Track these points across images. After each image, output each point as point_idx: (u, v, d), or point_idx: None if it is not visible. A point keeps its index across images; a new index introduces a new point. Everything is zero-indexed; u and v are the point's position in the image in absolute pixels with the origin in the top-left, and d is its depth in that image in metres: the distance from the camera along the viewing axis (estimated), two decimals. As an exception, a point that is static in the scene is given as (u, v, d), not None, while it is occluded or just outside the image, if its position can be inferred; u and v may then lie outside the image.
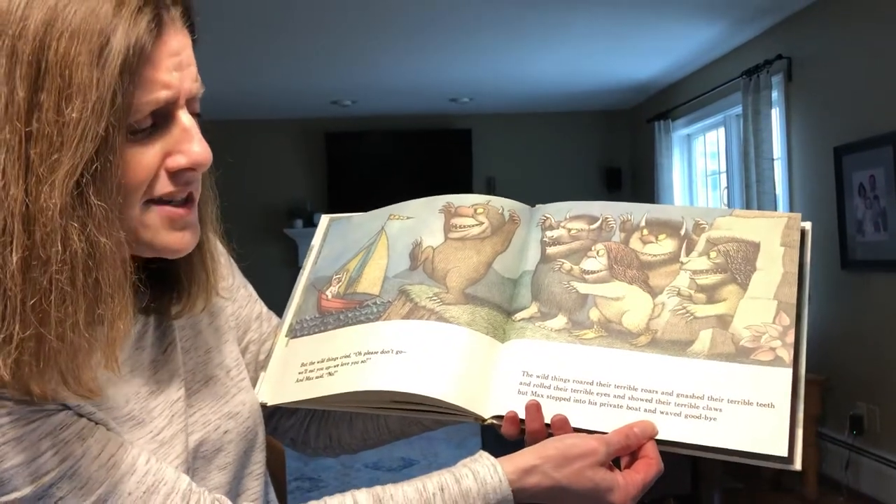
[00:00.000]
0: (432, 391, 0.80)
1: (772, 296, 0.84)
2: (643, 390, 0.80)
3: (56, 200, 0.59)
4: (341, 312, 0.92)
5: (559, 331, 0.85)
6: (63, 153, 0.59)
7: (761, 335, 0.81)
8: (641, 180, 6.58)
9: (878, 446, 3.67)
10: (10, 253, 0.59)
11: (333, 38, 4.43)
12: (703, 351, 0.81)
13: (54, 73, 0.59)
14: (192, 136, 0.69)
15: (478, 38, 4.54)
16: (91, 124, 0.60)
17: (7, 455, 0.62)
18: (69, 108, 0.59)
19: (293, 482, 4.09)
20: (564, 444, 0.76)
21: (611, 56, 5.08)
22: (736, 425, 0.77)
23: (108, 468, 0.66)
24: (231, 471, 0.82)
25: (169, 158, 0.68)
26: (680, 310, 0.84)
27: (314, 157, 6.69)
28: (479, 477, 0.74)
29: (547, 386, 0.82)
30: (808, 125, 4.15)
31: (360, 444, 1.01)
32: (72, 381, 0.63)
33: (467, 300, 0.88)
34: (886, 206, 3.53)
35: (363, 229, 1.00)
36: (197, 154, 0.69)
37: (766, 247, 0.87)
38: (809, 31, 4.11)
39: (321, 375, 0.87)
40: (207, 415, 0.81)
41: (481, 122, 6.77)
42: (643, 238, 0.90)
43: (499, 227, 0.93)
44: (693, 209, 0.93)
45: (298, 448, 1.03)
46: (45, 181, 0.59)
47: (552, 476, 0.74)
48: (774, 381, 0.78)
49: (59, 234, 0.59)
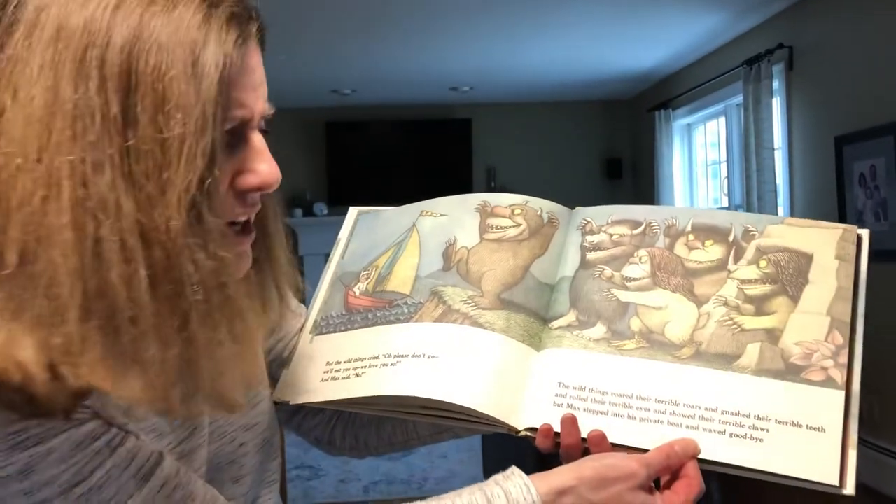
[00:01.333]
0: (464, 400, 0.77)
1: (825, 311, 0.80)
2: (685, 405, 0.76)
3: (176, 221, 0.58)
4: (370, 311, 0.89)
5: (598, 341, 0.82)
6: (172, 171, 0.58)
7: (812, 353, 0.77)
8: (642, 170, 6.57)
9: (877, 436, 3.68)
10: (137, 270, 0.57)
11: (333, 26, 4.41)
12: (751, 366, 0.77)
13: (146, 86, 0.58)
14: (264, 156, 0.68)
15: (479, 26, 4.53)
16: (196, 140, 0.58)
17: (38, 466, 0.60)
18: (170, 124, 0.58)
19: (293, 470, 4.10)
20: (603, 465, 0.71)
21: (612, 45, 5.06)
22: (783, 448, 0.73)
23: (139, 480, 0.64)
24: (247, 483, 0.80)
25: (238, 178, 0.67)
26: (727, 321, 0.80)
27: (314, 146, 6.68)
28: (511, 497, 0.69)
29: (584, 398, 0.78)
30: (809, 115, 4.14)
31: (386, 448, 0.98)
32: (220, 400, 0.62)
33: (503, 305, 0.84)
34: (887, 196, 3.52)
35: (393, 225, 0.97)
36: (267, 174, 0.68)
37: (819, 259, 0.83)
38: (811, 20, 4.09)
39: (348, 376, 0.84)
40: (223, 426, 0.78)
41: (482, 112, 6.76)
42: (689, 244, 0.86)
43: (537, 230, 0.90)
44: (742, 215, 0.89)
45: (323, 447, 1.01)
46: (158, 200, 0.57)
47: (588, 499, 0.70)
48: (826, 403, 0.74)
49: (186, 253, 0.58)
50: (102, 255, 0.56)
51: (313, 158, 6.67)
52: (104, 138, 0.57)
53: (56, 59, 0.57)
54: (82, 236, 0.56)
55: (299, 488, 3.90)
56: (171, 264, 0.58)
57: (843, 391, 0.75)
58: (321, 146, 6.66)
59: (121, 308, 0.56)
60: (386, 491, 3.80)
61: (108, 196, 0.56)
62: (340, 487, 3.91)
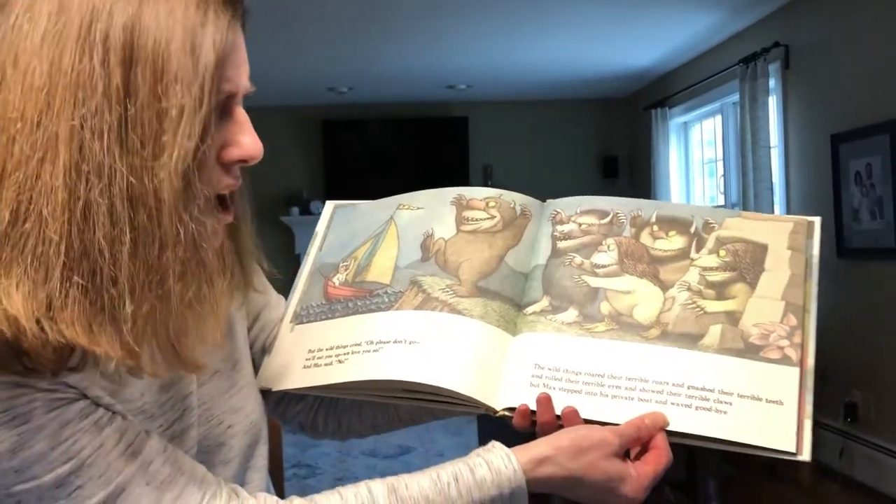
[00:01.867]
0: (446, 382, 0.81)
1: (779, 296, 0.85)
2: (654, 382, 0.81)
3: (167, 184, 0.61)
4: (350, 300, 0.92)
5: (570, 324, 0.86)
6: (168, 140, 0.61)
7: (770, 333, 0.83)
8: (638, 168, 6.58)
9: (872, 434, 3.69)
10: (122, 232, 0.60)
11: (330, 24, 4.41)
12: (713, 345, 0.82)
13: (147, 61, 0.61)
14: (247, 129, 0.72)
15: (475, 24, 4.52)
16: (193, 112, 0.62)
17: (28, 443, 0.62)
18: (169, 95, 0.61)
19: (290, 469, 4.10)
20: (578, 435, 0.77)
21: (608, 44, 5.06)
22: (745, 419, 0.78)
23: (127, 458, 0.66)
24: (235, 465, 0.82)
25: (224, 151, 0.70)
26: (690, 304, 0.85)
27: (310, 144, 6.67)
28: (493, 467, 0.74)
29: (559, 378, 0.82)
30: (805, 113, 4.15)
31: (369, 430, 1.01)
32: (183, 358, 0.66)
33: (480, 293, 0.88)
34: (883, 195, 3.53)
35: (370, 217, 1.00)
36: (250, 146, 0.71)
37: (773, 249, 0.89)
38: (807, 18, 4.10)
39: (330, 363, 0.87)
40: (211, 409, 0.81)
41: (478, 110, 6.76)
42: (653, 234, 0.91)
43: (510, 222, 0.94)
44: (702, 208, 0.95)
45: (307, 432, 1.04)
46: (150, 165, 0.61)
47: (566, 466, 0.75)
48: (782, 379, 0.80)
49: (173, 216, 0.62)
50: (90, 216, 0.60)
51: (310, 156, 6.67)
52: (104, 107, 0.60)
53: (59, 31, 0.61)
54: (73, 198, 0.59)
55: (296, 487, 3.90)
56: (156, 228, 0.61)
57: (799, 368, 0.81)
58: (318, 144, 6.65)
59: (103, 268, 0.60)
60: (382, 489, 3.79)
61: (104, 161, 0.60)
62: (337, 486, 3.90)
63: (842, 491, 3.66)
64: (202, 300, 0.65)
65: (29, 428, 0.62)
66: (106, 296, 0.60)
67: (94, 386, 0.66)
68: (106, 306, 0.60)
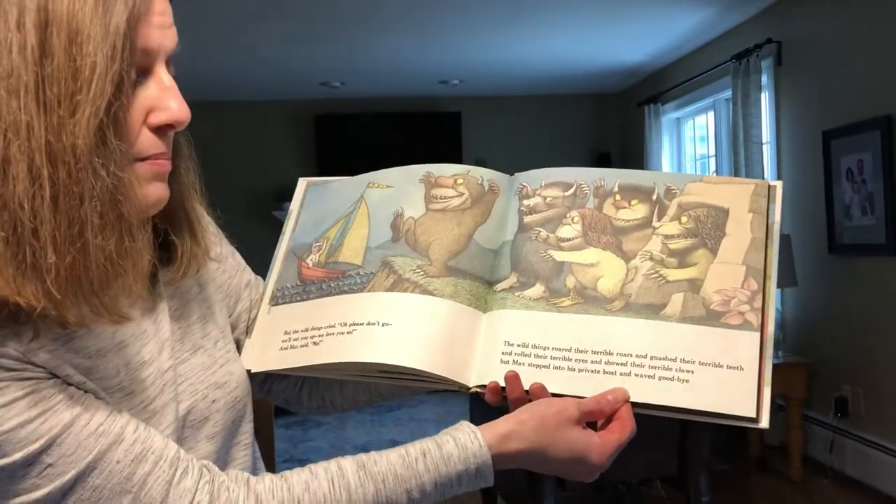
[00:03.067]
0: (419, 363, 0.83)
1: (740, 261, 0.86)
2: (619, 354, 0.83)
3: (82, 140, 0.63)
4: (323, 282, 0.94)
5: (537, 300, 0.88)
6: (82, 97, 0.63)
7: (731, 299, 0.84)
8: (631, 164, 6.58)
9: (862, 429, 3.71)
10: (41, 187, 0.62)
11: (323, 18, 4.40)
12: (675, 314, 0.84)
13: (61, 22, 0.63)
14: (173, 93, 0.72)
15: (468, 19, 4.52)
16: (105, 70, 0.64)
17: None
18: (83, 54, 0.63)
19: (282, 464, 4.10)
20: (538, 406, 0.80)
21: (601, 39, 5.07)
22: (706, 387, 0.79)
23: (97, 436, 0.68)
24: (219, 440, 0.83)
25: (151, 115, 0.71)
26: (652, 274, 0.87)
27: (303, 139, 6.66)
28: (459, 442, 0.77)
29: (527, 354, 0.84)
30: (797, 109, 4.16)
31: (351, 405, 1.04)
32: (106, 308, 0.67)
33: (450, 273, 0.89)
34: (874, 191, 3.54)
35: (342, 196, 1.01)
36: (176, 110, 0.71)
37: (734, 213, 0.89)
38: (799, 14, 4.11)
39: (306, 344, 0.89)
40: (195, 384, 0.82)
41: (471, 105, 6.75)
42: (616, 203, 0.92)
43: (479, 198, 0.95)
44: (664, 175, 0.95)
45: (293, 408, 1.06)
46: (67, 122, 0.63)
47: (530, 439, 0.78)
48: (743, 345, 0.81)
49: (89, 170, 0.64)
50: (9, 172, 0.62)
51: (302, 151, 6.65)
52: (21, 67, 0.62)
53: None
54: None
55: (288, 481, 3.90)
56: (74, 182, 0.63)
57: (759, 333, 0.82)
58: (310, 139, 6.63)
59: (23, 221, 0.62)
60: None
61: (21, 119, 0.62)
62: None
63: (831, 485, 3.68)
64: (123, 253, 0.67)
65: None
66: (28, 248, 0.62)
67: (64, 364, 0.68)
68: (28, 258, 0.62)
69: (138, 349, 0.77)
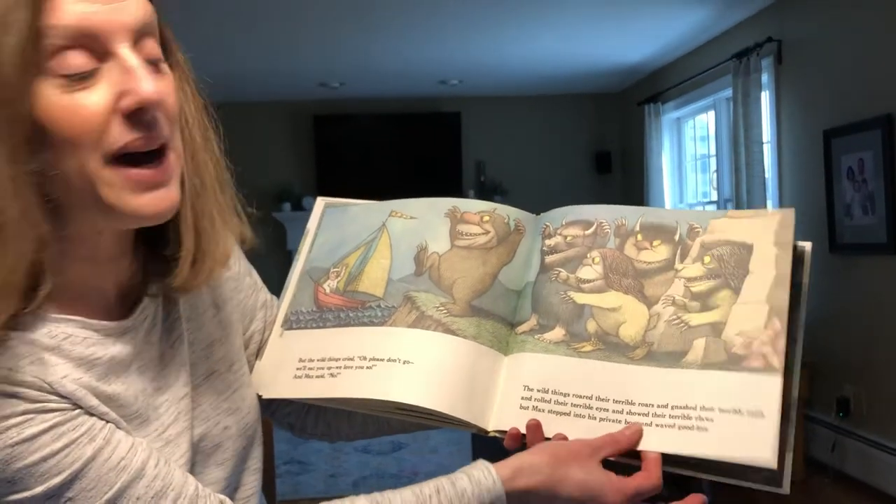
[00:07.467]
0: (440, 405, 0.82)
1: (764, 299, 0.83)
2: (640, 404, 0.81)
3: None
4: (341, 310, 0.92)
5: (557, 343, 0.86)
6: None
7: (752, 341, 0.81)
8: (631, 164, 6.58)
9: (864, 428, 3.70)
10: None
11: (321, 18, 4.39)
12: (697, 361, 0.82)
13: None
14: (137, 74, 0.65)
15: (468, 19, 4.51)
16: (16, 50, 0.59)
17: (21, 454, 0.63)
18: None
19: (282, 466, 4.08)
20: (554, 445, 0.80)
21: (601, 39, 5.06)
22: (726, 435, 0.77)
23: (119, 471, 0.67)
24: (229, 466, 0.81)
25: (120, 101, 0.65)
26: (675, 320, 0.84)
27: (302, 139, 6.65)
28: (473, 478, 0.76)
29: (547, 400, 0.83)
30: (798, 108, 4.15)
31: (358, 435, 1.02)
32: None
33: (473, 312, 0.88)
34: (874, 190, 3.53)
35: (362, 222, 0.98)
36: (144, 91, 0.64)
37: (759, 248, 0.86)
38: (800, 13, 4.10)
39: (322, 375, 0.87)
40: (207, 410, 0.80)
41: (471, 105, 6.74)
42: (638, 244, 0.90)
43: (504, 237, 0.93)
44: (688, 212, 0.92)
45: (296, 433, 1.04)
46: None
47: (544, 472, 0.77)
48: (764, 389, 0.78)
49: None
50: None
51: (301, 152, 6.64)
52: None
53: None
54: None
55: (288, 483, 3.89)
56: None
57: (780, 376, 0.79)
58: (309, 139, 6.62)
59: None
60: (376, 486, 3.77)
61: None
62: (330, 482, 3.90)
63: (834, 485, 3.67)
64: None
65: (22, 439, 0.63)
66: None
67: (88, 396, 0.67)
68: None
69: (154, 375, 0.75)
